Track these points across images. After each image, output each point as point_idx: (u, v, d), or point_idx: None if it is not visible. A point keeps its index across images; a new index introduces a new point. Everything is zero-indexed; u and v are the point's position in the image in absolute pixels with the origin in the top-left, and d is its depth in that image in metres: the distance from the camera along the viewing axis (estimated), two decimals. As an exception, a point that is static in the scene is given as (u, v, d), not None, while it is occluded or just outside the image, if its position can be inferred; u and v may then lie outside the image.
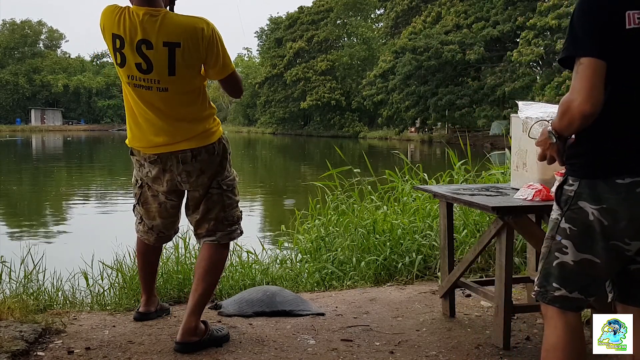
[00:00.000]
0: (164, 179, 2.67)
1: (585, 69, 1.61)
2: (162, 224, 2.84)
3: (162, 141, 2.58)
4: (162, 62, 2.47)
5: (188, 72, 2.53)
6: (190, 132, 2.59)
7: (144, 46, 2.45)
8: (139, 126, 2.61)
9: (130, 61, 2.48)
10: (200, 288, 2.67)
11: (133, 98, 2.58)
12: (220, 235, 2.73)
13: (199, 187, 2.68)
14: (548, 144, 1.77)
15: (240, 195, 2.84)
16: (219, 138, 2.69)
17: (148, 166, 2.68)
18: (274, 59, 59.13)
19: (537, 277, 1.84)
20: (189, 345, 2.60)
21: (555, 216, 1.78)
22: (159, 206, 2.79)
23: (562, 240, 1.74)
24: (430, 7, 42.53)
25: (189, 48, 2.48)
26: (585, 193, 1.69)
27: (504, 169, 5.20)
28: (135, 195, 2.85)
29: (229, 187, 2.74)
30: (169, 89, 2.51)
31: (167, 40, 2.45)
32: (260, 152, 35.44)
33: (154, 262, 3.03)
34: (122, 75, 2.56)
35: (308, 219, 5.26)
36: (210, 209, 2.71)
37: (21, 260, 3.89)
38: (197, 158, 2.62)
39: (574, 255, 1.73)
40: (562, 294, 1.75)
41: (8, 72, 70.66)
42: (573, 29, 1.66)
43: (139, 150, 2.68)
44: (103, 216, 11.03)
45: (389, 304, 3.39)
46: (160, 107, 2.55)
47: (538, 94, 29.88)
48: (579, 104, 1.61)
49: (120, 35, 2.47)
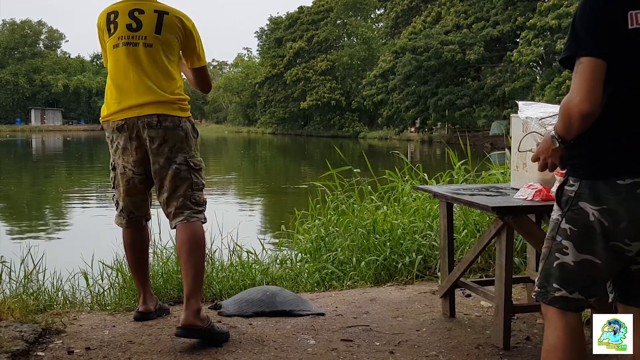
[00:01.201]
0: (132, 147, 2.76)
1: (585, 69, 1.61)
2: (131, 203, 2.89)
3: (134, 102, 2.72)
4: (151, 22, 2.75)
5: (170, 37, 2.79)
6: (161, 96, 2.74)
7: (136, 12, 2.76)
8: (113, 92, 2.78)
9: (122, 24, 2.76)
10: (190, 270, 2.66)
11: (116, 61, 2.77)
12: (189, 214, 2.75)
13: (159, 156, 2.74)
14: (550, 150, 1.76)
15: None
16: (187, 117, 2.83)
17: (117, 137, 2.79)
18: (274, 59, 59.13)
19: (537, 277, 1.84)
20: (193, 329, 2.60)
21: (556, 217, 1.77)
22: (127, 183, 2.85)
23: (563, 240, 1.74)
24: (430, 7, 42.54)
25: (172, 21, 2.78)
26: (585, 194, 1.69)
27: (504, 169, 5.21)
28: (111, 179, 2.95)
29: (197, 166, 2.82)
30: (153, 45, 2.75)
31: (158, 9, 2.78)
32: (260, 152, 35.44)
33: (143, 255, 3.03)
34: (111, 42, 2.78)
35: (308, 219, 5.26)
36: (179, 186, 2.76)
37: (21, 260, 3.89)
38: (162, 124, 2.72)
39: (574, 255, 1.72)
40: (563, 294, 1.75)
41: (8, 72, 70.66)
42: (575, 29, 1.66)
43: (108, 120, 2.80)
44: (103, 216, 11.00)
45: (389, 304, 3.39)
46: (141, 62, 2.74)
47: (538, 94, 29.89)
48: (578, 103, 1.60)
49: (114, 10, 2.80)
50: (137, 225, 2.99)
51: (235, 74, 76.45)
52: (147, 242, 3.10)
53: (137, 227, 2.99)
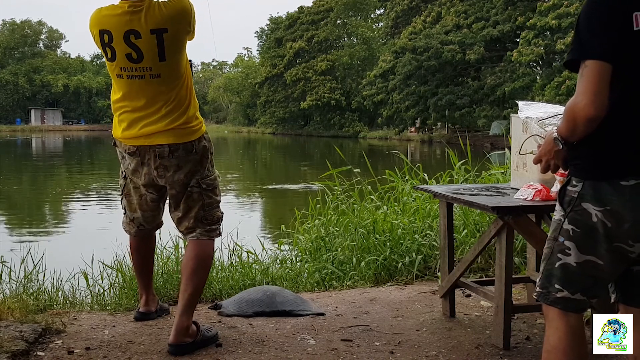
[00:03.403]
0: (142, 172, 2.71)
1: (590, 72, 1.59)
2: (142, 217, 2.86)
3: (144, 131, 2.62)
4: (152, 49, 2.53)
5: (176, 56, 2.60)
6: (172, 125, 2.61)
7: (132, 36, 2.52)
8: (125, 116, 2.66)
9: (121, 53, 2.55)
10: (189, 287, 2.65)
11: (122, 90, 2.63)
12: (200, 232, 2.74)
13: (174, 184, 2.69)
14: (552, 152, 1.75)
15: (221, 196, 2.85)
16: (200, 137, 2.70)
17: (128, 158, 2.73)
18: (274, 59, 59.11)
19: (538, 278, 1.83)
20: (182, 346, 2.60)
21: (558, 217, 1.76)
22: (139, 198, 2.82)
23: (565, 241, 1.73)
24: (430, 7, 42.53)
25: (175, 32, 2.56)
26: (588, 194, 1.68)
27: (504, 169, 5.20)
28: (121, 186, 2.90)
29: (209, 187, 2.75)
30: (161, 75, 2.58)
31: (154, 28, 2.52)
32: (260, 152, 35.44)
33: (149, 259, 3.03)
34: (113, 69, 2.61)
35: (308, 219, 5.26)
36: (191, 207, 2.72)
37: (21, 260, 3.90)
38: (175, 154, 2.64)
39: (576, 256, 1.72)
40: (565, 295, 1.74)
41: (8, 72, 70.63)
42: (579, 31, 1.64)
43: (121, 141, 2.72)
44: (103, 216, 11.02)
45: (389, 304, 3.39)
46: (149, 93, 2.59)
47: (538, 94, 29.89)
48: (583, 107, 1.59)
49: (107, 30, 2.55)
50: (146, 234, 2.98)
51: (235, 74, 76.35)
52: (154, 247, 3.10)
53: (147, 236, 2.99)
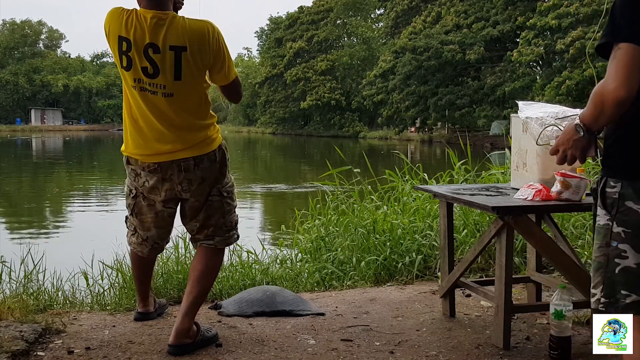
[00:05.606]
0: (162, 188, 2.60)
1: (622, 55, 1.57)
2: (157, 234, 2.78)
3: (165, 149, 2.53)
4: (168, 66, 2.45)
5: (193, 78, 2.51)
6: (193, 139, 2.56)
7: (151, 50, 2.43)
8: (140, 132, 2.56)
9: (137, 65, 2.46)
10: (195, 290, 2.66)
11: (137, 102, 2.53)
12: (219, 240, 2.72)
13: (199, 195, 2.65)
14: (571, 141, 1.72)
15: (237, 198, 2.85)
16: (219, 145, 2.67)
17: (145, 175, 2.61)
18: (274, 59, 59.13)
19: (597, 289, 1.74)
20: (182, 347, 2.60)
21: (605, 222, 1.71)
22: (155, 215, 2.71)
23: (619, 245, 1.67)
24: (430, 7, 42.54)
25: (195, 52, 2.47)
26: (629, 193, 1.65)
27: (504, 169, 5.20)
28: (129, 206, 2.75)
29: (229, 194, 2.74)
30: (174, 94, 2.49)
31: (174, 44, 2.44)
32: (260, 152, 35.44)
33: (150, 271, 3.02)
34: (127, 78, 2.52)
35: (308, 219, 5.26)
36: (211, 215, 2.69)
37: (21, 260, 3.89)
38: (200, 166, 2.59)
39: (635, 257, 1.66)
40: (634, 299, 1.67)
41: (8, 72, 70.66)
42: (614, 15, 1.62)
43: (137, 158, 2.61)
44: (103, 216, 11.03)
45: (389, 304, 3.39)
46: (164, 112, 2.51)
47: (538, 94, 29.88)
48: (614, 89, 1.56)
49: (127, 38, 2.44)
50: (159, 252, 2.96)
51: (235, 74, 76.23)
52: (155, 257, 3.09)
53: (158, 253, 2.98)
